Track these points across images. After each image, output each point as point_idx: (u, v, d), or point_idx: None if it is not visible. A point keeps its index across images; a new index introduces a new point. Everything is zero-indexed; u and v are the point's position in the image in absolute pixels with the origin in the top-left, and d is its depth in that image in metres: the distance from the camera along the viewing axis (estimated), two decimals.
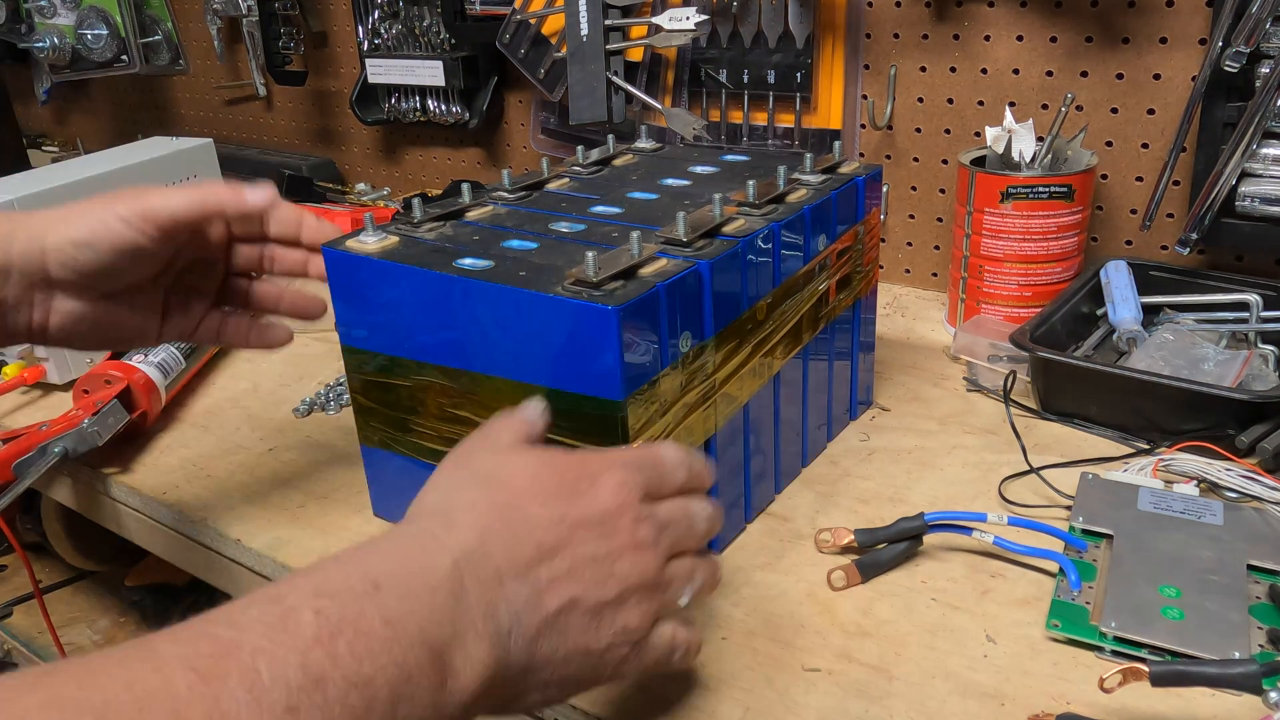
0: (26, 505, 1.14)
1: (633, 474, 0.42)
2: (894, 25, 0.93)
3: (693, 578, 0.44)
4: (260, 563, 0.63)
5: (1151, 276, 0.82)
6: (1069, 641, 0.51)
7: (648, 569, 0.41)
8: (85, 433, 0.70)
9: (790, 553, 0.59)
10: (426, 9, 1.21)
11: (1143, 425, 0.68)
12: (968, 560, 0.58)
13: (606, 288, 0.49)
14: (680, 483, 0.45)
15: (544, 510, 0.39)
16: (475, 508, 0.39)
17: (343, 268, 0.57)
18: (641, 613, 0.41)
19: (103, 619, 1.21)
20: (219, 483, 0.71)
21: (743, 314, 0.57)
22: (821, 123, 0.99)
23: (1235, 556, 0.54)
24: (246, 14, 1.31)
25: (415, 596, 0.34)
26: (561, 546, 0.39)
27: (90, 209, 0.55)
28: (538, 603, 0.38)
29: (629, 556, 0.40)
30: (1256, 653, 0.48)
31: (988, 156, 0.84)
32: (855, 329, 0.71)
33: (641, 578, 0.41)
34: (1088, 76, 0.85)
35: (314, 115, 1.44)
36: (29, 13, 1.35)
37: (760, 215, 0.59)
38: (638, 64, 1.06)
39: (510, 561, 0.38)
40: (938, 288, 0.99)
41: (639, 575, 0.41)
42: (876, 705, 0.48)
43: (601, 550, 0.40)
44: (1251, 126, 0.74)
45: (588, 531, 0.40)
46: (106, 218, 0.54)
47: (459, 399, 0.55)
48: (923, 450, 0.70)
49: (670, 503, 0.44)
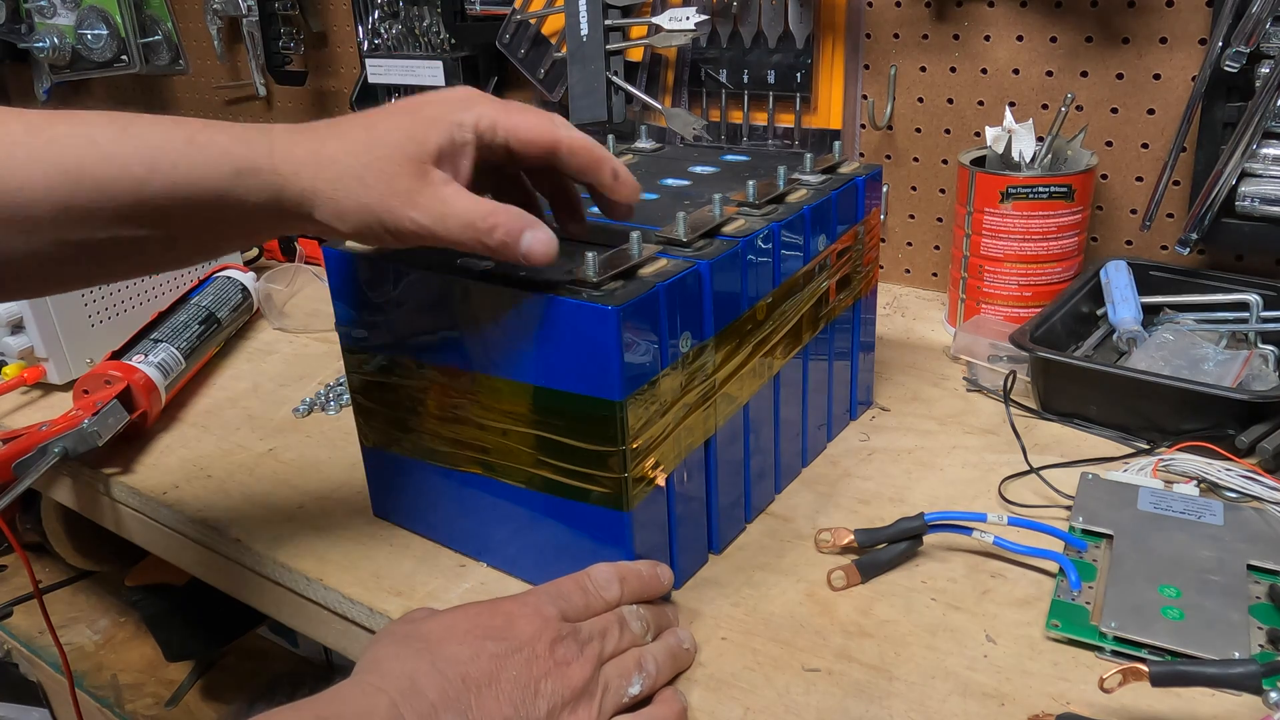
0: (26, 505, 1.14)
1: (547, 603, 0.47)
2: (894, 25, 0.93)
3: (642, 668, 0.47)
4: (260, 563, 0.63)
5: (1151, 276, 0.82)
6: (1069, 641, 0.51)
7: (573, 682, 0.45)
8: (85, 433, 0.70)
9: (790, 553, 0.59)
10: (426, 9, 1.21)
11: (1143, 425, 0.68)
12: (968, 560, 0.58)
13: (606, 288, 0.49)
14: (612, 599, 0.49)
15: (463, 648, 0.44)
16: (400, 657, 0.43)
17: (343, 267, 0.57)
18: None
19: (103, 619, 1.21)
20: (219, 483, 0.71)
21: (743, 314, 0.57)
22: (821, 123, 0.99)
23: (1235, 556, 0.54)
24: (246, 14, 1.31)
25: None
26: (487, 676, 0.43)
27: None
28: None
29: (553, 675, 0.44)
30: (1256, 653, 0.48)
31: (988, 156, 0.84)
32: (855, 329, 0.71)
33: (569, 691, 0.44)
34: (1088, 76, 0.85)
35: (314, 115, 1.44)
36: (29, 13, 1.35)
37: (760, 215, 0.59)
38: (638, 64, 1.06)
39: (442, 695, 0.42)
40: (938, 288, 0.99)
41: (566, 689, 0.44)
42: (876, 705, 0.48)
43: (525, 675, 0.44)
44: (1251, 126, 0.74)
45: (508, 660, 0.44)
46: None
47: (459, 399, 0.55)
48: (923, 450, 0.70)
49: (599, 616, 0.48)
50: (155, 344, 0.80)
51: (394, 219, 0.46)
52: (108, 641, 1.18)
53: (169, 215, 0.46)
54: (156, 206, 0.45)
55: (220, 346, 0.91)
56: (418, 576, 0.59)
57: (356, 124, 0.48)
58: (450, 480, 0.58)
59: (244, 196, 0.46)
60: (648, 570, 0.52)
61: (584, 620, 0.48)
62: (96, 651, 1.16)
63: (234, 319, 0.93)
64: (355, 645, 0.59)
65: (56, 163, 0.44)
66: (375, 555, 0.61)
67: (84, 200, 0.44)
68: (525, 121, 0.49)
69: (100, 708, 1.08)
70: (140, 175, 0.45)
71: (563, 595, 0.48)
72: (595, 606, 0.49)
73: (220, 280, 0.94)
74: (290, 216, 0.48)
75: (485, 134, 0.48)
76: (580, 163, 0.50)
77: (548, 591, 0.48)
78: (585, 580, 0.50)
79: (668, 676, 0.49)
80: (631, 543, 0.52)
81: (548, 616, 0.46)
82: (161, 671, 1.13)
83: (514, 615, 0.46)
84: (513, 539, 0.57)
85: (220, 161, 0.46)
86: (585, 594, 0.49)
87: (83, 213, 0.44)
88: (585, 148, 0.50)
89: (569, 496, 0.53)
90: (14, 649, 1.18)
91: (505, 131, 0.49)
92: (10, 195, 0.43)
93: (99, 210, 0.45)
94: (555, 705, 0.44)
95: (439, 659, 0.43)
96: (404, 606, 0.56)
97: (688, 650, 0.51)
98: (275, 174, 0.46)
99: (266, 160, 0.46)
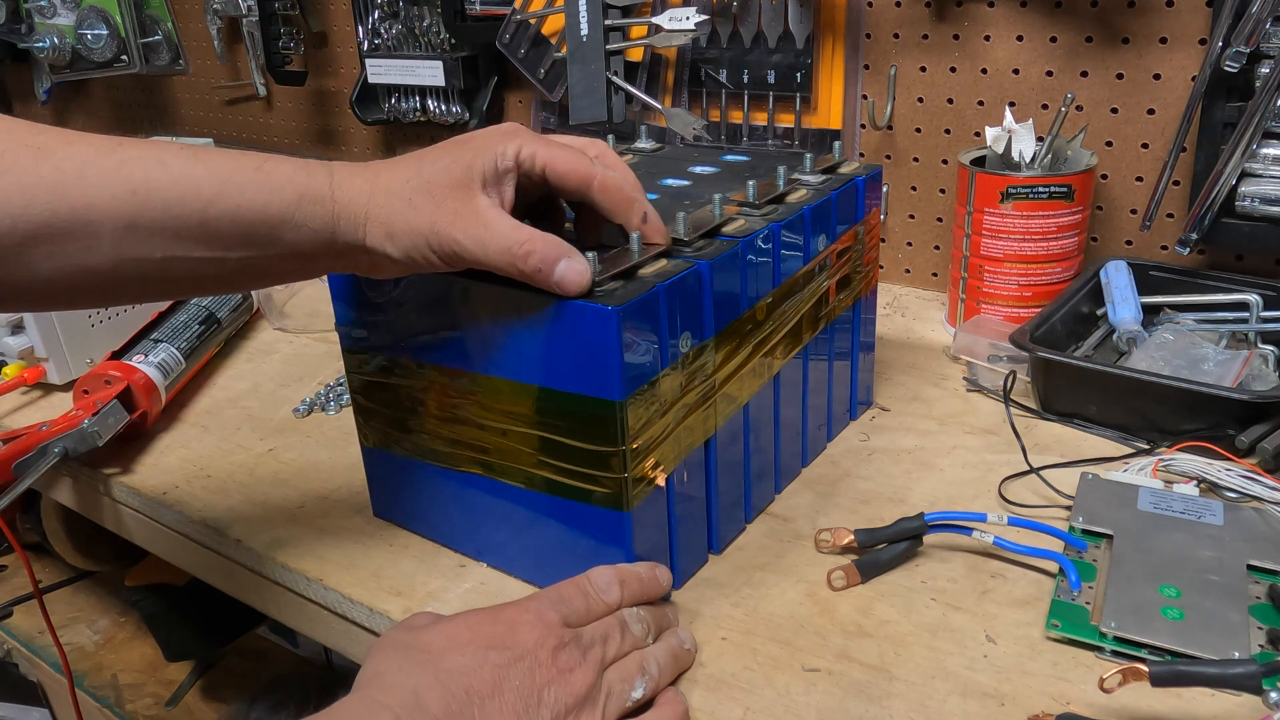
0: (26, 505, 1.14)
1: (549, 609, 0.47)
2: (894, 25, 0.93)
3: (644, 671, 0.48)
4: (260, 563, 0.63)
5: (1151, 276, 0.82)
6: (1069, 641, 0.51)
7: (576, 688, 0.45)
8: (85, 433, 0.70)
9: (790, 553, 0.59)
10: (426, 9, 1.21)
11: (1143, 425, 0.68)
12: (968, 560, 0.58)
13: (606, 288, 0.49)
14: (613, 602, 0.50)
15: (466, 659, 0.44)
16: (403, 669, 0.43)
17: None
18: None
19: (103, 619, 1.21)
20: (219, 483, 0.71)
21: (743, 314, 0.57)
22: (821, 123, 0.99)
23: (1235, 556, 0.54)
24: (246, 14, 1.31)
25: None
26: (490, 687, 0.43)
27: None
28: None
29: (556, 683, 0.45)
30: (1256, 653, 0.48)
31: (988, 156, 0.84)
32: (855, 329, 0.71)
33: (572, 698, 0.45)
34: (1088, 76, 0.85)
35: (314, 115, 1.44)
36: (29, 13, 1.35)
37: (760, 215, 0.59)
38: (638, 64, 1.06)
39: (446, 709, 0.42)
40: (938, 288, 0.99)
41: (570, 696, 0.45)
42: (876, 705, 0.48)
43: (528, 684, 0.44)
44: (1251, 126, 0.74)
45: (511, 669, 0.44)
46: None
47: (459, 399, 0.55)
48: (923, 450, 0.70)
49: (600, 621, 0.48)
50: (155, 344, 0.80)
51: (439, 239, 0.48)
52: (108, 641, 1.18)
53: (229, 238, 0.48)
54: (219, 230, 0.47)
55: (220, 346, 0.91)
56: (418, 576, 0.59)
57: (409, 158, 0.51)
58: (450, 480, 0.58)
59: (303, 222, 0.48)
60: (647, 572, 0.52)
61: (585, 625, 0.48)
62: (96, 651, 1.16)
63: (234, 319, 0.93)
64: (355, 645, 0.59)
65: (126, 182, 0.45)
66: (375, 555, 0.61)
67: (149, 219, 0.46)
68: (563, 156, 0.51)
69: (100, 708, 1.08)
70: (208, 197, 0.46)
71: (564, 600, 0.48)
72: (596, 610, 0.49)
73: None
74: (343, 246, 0.49)
75: (525, 163, 0.51)
76: (611, 202, 0.52)
77: (549, 597, 0.49)
78: (585, 584, 0.50)
79: (670, 678, 0.49)
80: (631, 543, 0.52)
81: (550, 623, 0.46)
82: (161, 671, 1.13)
83: (516, 623, 0.46)
84: (513, 539, 0.57)
85: (285, 187, 0.48)
86: (586, 598, 0.49)
87: (146, 232, 0.46)
88: (618, 188, 0.52)
89: (569, 497, 0.53)
90: (14, 649, 1.18)
91: (543, 163, 0.51)
92: (78, 213, 0.45)
93: (162, 230, 0.46)
94: (559, 713, 0.44)
95: (442, 671, 0.43)
96: (404, 606, 0.56)
97: (689, 650, 0.51)
98: (333, 201, 0.48)
99: (326, 188, 0.48)
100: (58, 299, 0.50)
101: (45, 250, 0.45)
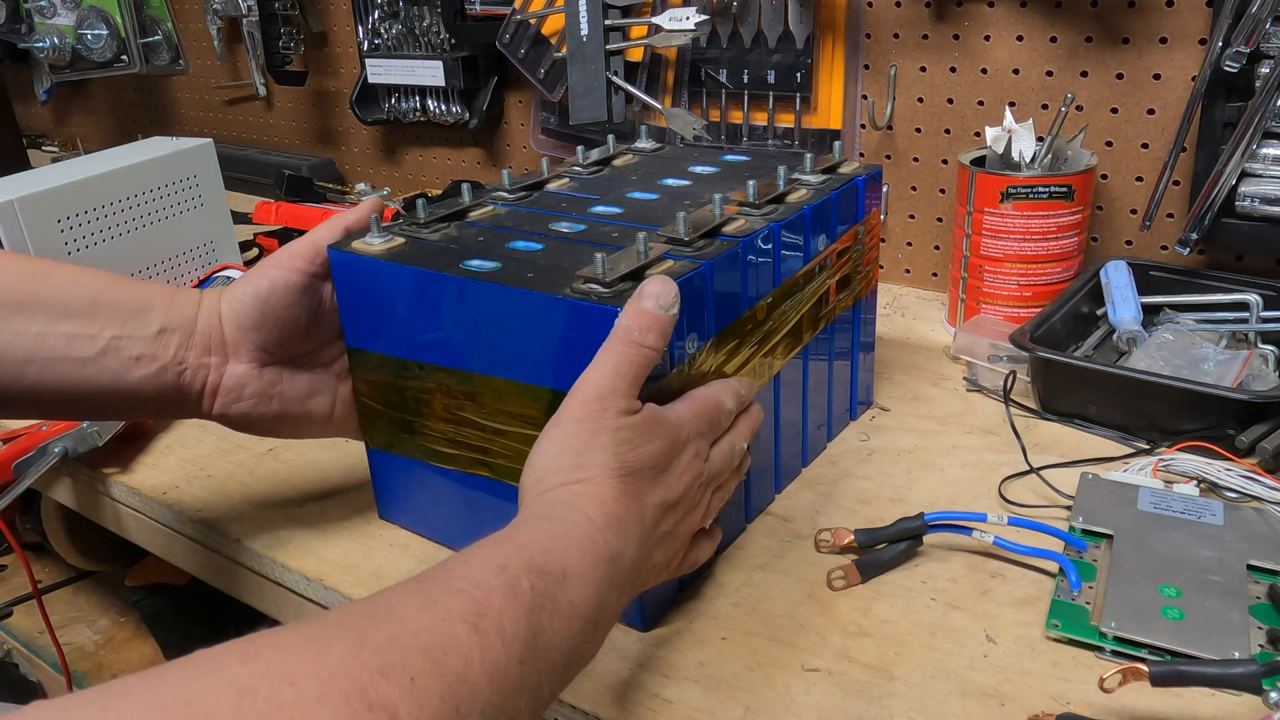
0: (26, 505, 1.14)
1: (703, 443, 0.51)
2: (894, 25, 0.93)
3: (723, 501, 0.54)
4: (260, 563, 0.63)
5: (1151, 276, 0.82)
6: (1069, 641, 0.51)
7: (696, 522, 0.51)
8: (85, 433, 0.70)
9: (790, 553, 0.59)
10: (426, 9, 1.21)
11: (1143, 425, 0.68)
12: (968, 560, 0.58)
13: (616, 289, 0.49)
14: (729, 421, 0.54)
15: (653, 499, 0.48)
16: (620, 501, 0.46)
17: (349, 269, 0.57)
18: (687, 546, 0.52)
19: (103, 619, 1.21)
20: (219, 483, 0.71)
21: (743, 314, 0.57)
22: (821, 123, 0.99)
23: (1235, 556, 0.54)
24: (246, 14, 1.31)
25: (586, 588, 0.42)
26: (655, 527, 0.48)
27: (267, 264, 0.58)
28: (640, 572, 0.47)
29: (688, 519, 0.50)
30: (1256, 653, 0.48)
31: (988, 156, 0.84)
32: (855, 329, 0.71)
33: (692, 530, 0.51)
34: (1088, 76, 0.85)
35: (314, 115, 1.44)
36: (29, 13, 1.35)
37: (760, 215, 0.59)
38: (638, 64, 1.06)
39: (637, 551, 0.46)
40: (938, 288, 0.99)
41: (691, 529, 0.51)
42: (876, 705, 0.48)
43: (674, 524, 0.49)
44: (1251, 126, 0.74)
45: (670, 511, 0.49)
46: (283, 261, 0.57)
47: (465, 401, 0.55)
48: (923, 450, 0.70)
49: (721, 445, 0.53)
50: None
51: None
52: (108, 641, 1.18)
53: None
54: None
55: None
56: None
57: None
58: (454, 482, 0.58)
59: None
60: (746, 390, 0.55)
61: (715, 445, 0.53)
62: (96, 651, 1.16)
63: None
64: None
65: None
66: (375, 555, 0.61)
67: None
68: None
69: None
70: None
71: (712, 425, 0.52)
72: (722, 429, 0.53)
73: (220, 280, 0.94)
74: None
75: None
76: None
77: (701, 420, 0.51)
78: (720, 409, 0.53)
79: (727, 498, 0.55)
80: None
81: (699, 456, 0.50)
82: None
83: (680, 454, 0.49)
84: None
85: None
86: (718, 425, 0.53)
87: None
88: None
89: None
90: (14, 649, 1.18)
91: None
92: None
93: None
94: (684, 543, 0.51)
95: (633, 507, 0.46)
96: None
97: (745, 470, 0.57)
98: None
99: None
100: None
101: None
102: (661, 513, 0.48)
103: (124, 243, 0.90)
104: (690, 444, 0.50)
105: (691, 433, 0.50)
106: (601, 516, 0.45)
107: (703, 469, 0.51)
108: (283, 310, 0.57)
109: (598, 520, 0.44)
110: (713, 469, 0.52)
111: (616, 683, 0.50)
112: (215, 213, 1.01)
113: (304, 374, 0.60)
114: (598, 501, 0.45)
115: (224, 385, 0.57)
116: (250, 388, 0.57)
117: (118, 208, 0.90)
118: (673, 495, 0.48)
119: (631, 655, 0.52)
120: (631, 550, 0.45)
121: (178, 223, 0.96)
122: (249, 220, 1.21)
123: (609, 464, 0.46)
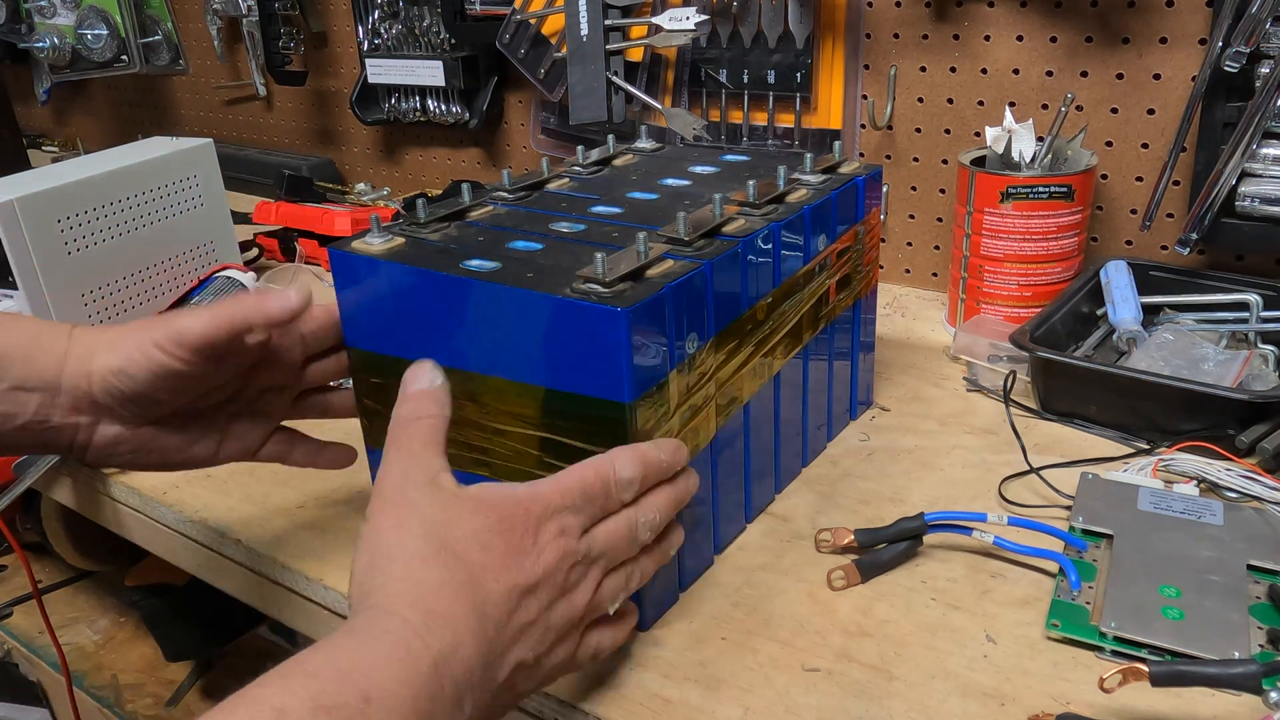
0: (26, 505, 1.14)
1: (572, 518, 0.45)
2: (894, 25, 0.93)
3: (627, 585, 0.48)
4: (259, 563, 0.63)
5: (1151, 276, 0.82)
6: (1069, 641, 0.51)
7: (577, 609, 0.45)
8: None
9: (790, 553, 0.59)
10: (426, 9, 1.21)
11: (1143, 425, 0.68)
12: (968, 560, 0.58)
13: (615, 289, 0.49)
14: (633, 495, 0.48)
15: (499, 585, 0.42)
16: (442, 593, 0.41)
17: (349, 269, 0.57)
18: (569, 644, 0.46)
19: (103, 619, 1.21)
20: (219, 483, 0.71)
21: (743, 314, 0.57)
22: (821, 123, 0.99)
23: (1235, 556, 0.54)
24: (246, 14, 1.31)
25: (398, 706, 0.37)
26: (509, 617, 0.42)
27: (130, 334, 0.54)
28: (494, 676, 0.42)
29: (561, 605, 0.44)
30: (1256, 653, 0.48)
31: (988, 156, 0.84)
32: (855, 329, 0.71)
33: (572, 618, 0.45)
34: (1088, 76, 0.85)
35: (314, 115, 1.44)
36: (29, 13, 1.35)
37: (760, 215, 0.59)
38: (638, 64, 1.06)
39: (476, 649, 0.40)
40: (938, 288, 0.99)
41: (570, 617, 0.45)
42: (876, 705, 0.48)
43: (539, 612, 0.43)
44: (1251, 126, 0.74)
45: (530, 597, 0.43)
46: (143, 344, 0.53)
47: (464, 400, 0.55)
48: (923, 450, 0.70)
49: (611, 522, 0.47)
50: None
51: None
52: (108, 641, 1.18)
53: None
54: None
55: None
56: None
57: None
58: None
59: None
60: (668, 457, 0.49)
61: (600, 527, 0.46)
62: (96, 651, 1.16)
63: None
64: None
65: None
66: None
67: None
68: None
69: (100, 708, 1.08)
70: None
71: (589, 500, 0.46)
72: (612, 509, 0.47)
73: (220, 280, 0.94)
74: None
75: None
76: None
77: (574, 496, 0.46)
78: (610, 480, 0.47)
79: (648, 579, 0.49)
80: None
81: (570, 534, 0.45)
82: (161, 671, 1.13)
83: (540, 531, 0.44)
84: None
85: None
86: (607, 498, 0.47)
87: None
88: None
89: None
90: (14, 649, 1.18)
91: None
92: None
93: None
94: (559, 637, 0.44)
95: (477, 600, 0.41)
96: None
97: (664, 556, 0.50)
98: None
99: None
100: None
101: None
102: (516, 599, 0.42)
103: (124, 243, 0.90)
104: (551, 519, 0.44)
105: (553, 507, 0.45)
106: (419, 614, 0.39)
107: (575, 547, 0.45)
108: (151, 390, 0.53)
109: (413, 620, 0.39)
110: (594, 548, 0.46)
111: (616, 683, 0.50)
112: (215, 213, 1.01)
113: (183, 427, 0.57)
114: (413, 598, 0.40)
115: (95, 443, 0.55)
116: (125, 445, 0.55)
117: (118, 208, 0.90)
118: (528, 579, 0.43)
119: (631, 655, 0.52)
120: (469, 648, 0.40)
121: (178, 223, 0.96)
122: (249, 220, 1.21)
123: (421, 551, 0.41)
